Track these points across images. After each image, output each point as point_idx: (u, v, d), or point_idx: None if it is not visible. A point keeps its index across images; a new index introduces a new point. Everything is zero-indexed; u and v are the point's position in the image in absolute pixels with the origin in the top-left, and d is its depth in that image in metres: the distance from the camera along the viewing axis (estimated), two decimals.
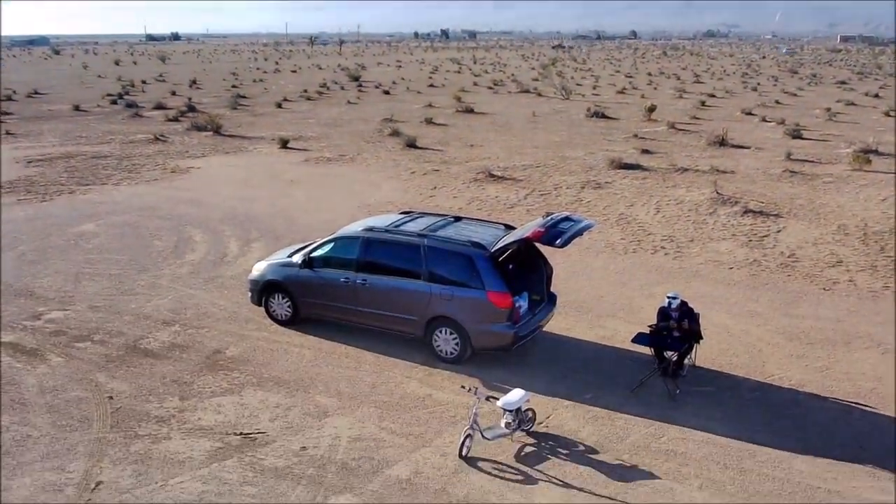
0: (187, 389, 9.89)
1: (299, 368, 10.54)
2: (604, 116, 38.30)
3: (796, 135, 31.77)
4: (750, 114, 39.44)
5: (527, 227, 11.02)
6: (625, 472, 8.40)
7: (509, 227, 11.71)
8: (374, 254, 11.19)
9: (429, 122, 35.72)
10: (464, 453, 8.56)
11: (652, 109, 38.64)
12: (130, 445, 8.58)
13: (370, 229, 11.42)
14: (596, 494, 8.01)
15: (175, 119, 36.57)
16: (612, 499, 7.94)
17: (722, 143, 29.25)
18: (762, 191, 21.29)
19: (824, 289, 14.03)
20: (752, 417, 9.59)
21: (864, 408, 9.87)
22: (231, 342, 11.26)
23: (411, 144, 28.77)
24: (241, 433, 8.92)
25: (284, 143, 29.03)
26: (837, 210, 19.37)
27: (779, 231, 17.46)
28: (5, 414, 9.09)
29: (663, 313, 10.46)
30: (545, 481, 8.21)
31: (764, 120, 37.06)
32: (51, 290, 13.11)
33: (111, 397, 9.62)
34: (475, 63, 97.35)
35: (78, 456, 8.32)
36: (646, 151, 27.11)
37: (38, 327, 11.63)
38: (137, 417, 9.17)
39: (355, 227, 11.81)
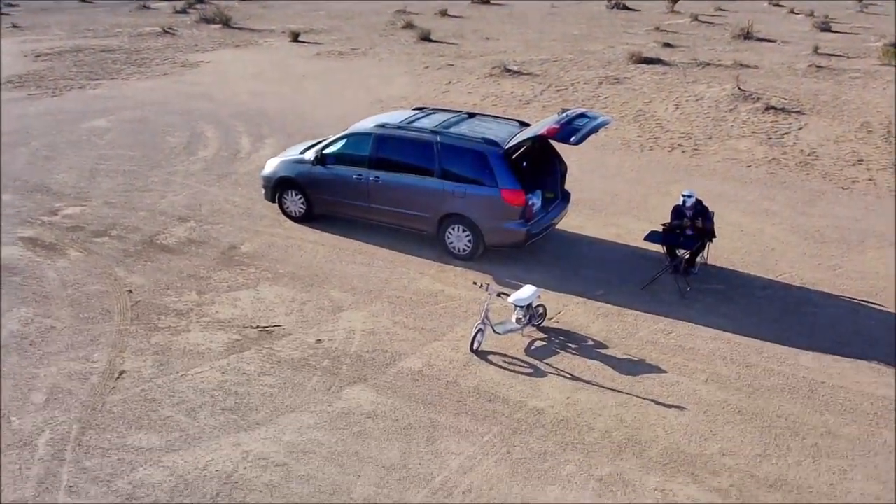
0: (204, 284, 10.08)
1: (313, 264, 10.67)
2: (625, 8, 36.92)
3: (825, 27, 30.55)
4: (778, 5, 37.86)
5: (541, 123, 10.84)
6: (632, 366, 8.59)
7: (524, 124, 11.52)
8: (387, 151, 11.10)
9: (443, 13, 34.59)
10: (475, 347, 8.76)
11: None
12: (151, 337, 8.84)
13: (383, 126, 11.28)
14: (603, 387, 8.22)
15: (183, 11, 35.63)
16: (619, 391, 8.16)
17: (747, 36, 28.20)
18: (786, 87, 20.69)
19: (843, 188, 13.85)
20: (761, 315, 9.69)
21: (873, 306, 9.93)
22: (246, 238, 11.38)
23: (425, 38, 27.97)
24: (257, 326, 9.15)
25: (295, 37, 28.30)
26: (862, 107, 18.85)
27: (800, 128, 17.08)
28: (30, 306, 9.34)
29: (677, 211, 10.40)
30: (554, 374, 8.43)
31: (792, 12, 35.60)
32: (66, 186, 13.20)
33: (130, 291, 9.84)
34: None
35: (101, 347, 8.60)
36: (667, 45, 26.25)
37: (55, 222, 11.78)
38: (157, 311, 9.40)
39: (367, 124, 11.66)
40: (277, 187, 11.93)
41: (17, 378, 7.96)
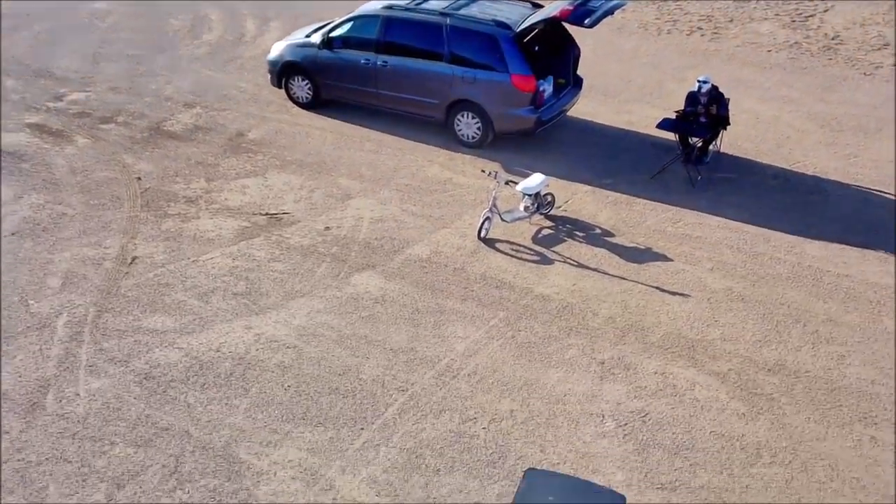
0: (213, 171, 10.08)
1: (321, 151, 10.60)
2: None
3: None
4: None
5: (554, 5, 10.43)
6: (639, 255, 8.64)
7: (536, 6, 11.09)
8: (395, 34, 10.77)
9: None
10: (482, 235, 8.81)
11: None
12: (161, 224, 8.93)
13: (390, 7, 10.89)
14: (609, 275, 8.31)
15: None
16: (624, 278, 8.25)
17: None
18: None
19: (865, 73, 13.41)
20: (771, 204, 9.63)
21: (885, 195, 9.83)
22: (253, 125, 11.26)
23: None
24: (266, 213, 9.20)
25: None
26: None
27: (826, 10, 16.37)
28: (40, 193, 9.40)
29: (692, 98, 10.14)
30: (560, 262, 8.50)
31: None
32: (70, 71, 12.98)
33: (139, 178, 9.85)
34: None
35: (113, 233, 8.71)
36: None
37: (61, 108, 11.67)
38: (166, 197, 9.45)
39: (375, 5, 11.26)
40: (283, 73, 11.68)
41: (33, 263, 8.12)
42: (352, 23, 11.12)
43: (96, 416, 6.04)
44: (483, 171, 9.34)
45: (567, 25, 10.59)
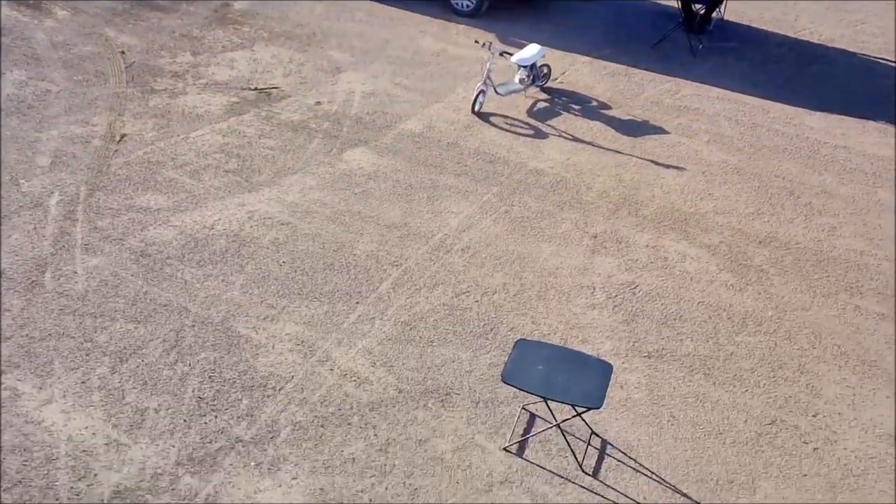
0: (198, 44, 9.75)
1: (311, 22, 10.22)
2: None
3: None
4: None
5: None
6: (635, 127, 8.52)
7: None
8: None
9: None
10: (476, 108, 8.64)
11: None
12: (149, 100, 8.73)
13: None
14: (604, 148, 8.22)
15: None
16: (620, 152, 8.17)
17: None
18: None
19: None
20: (773, 73, 9.40)
21: (890, 63, 9.58)
22: None
23: None
24: (256, 88, 8.99)
25: None
26: None
27: None
28: (22, 69, 9.13)
29: None
30: (555, 135, 8.39)
31: None
32: None
33: (123, 52, 9.55)
34: None
35: (99, 110, 8.53)
36: None
37: None
38: (152, 72, 9.19)
39: None
40: None
41: (21, 142, 8.00)
42: None
43: (95, 294, 6.14)
44: (477, 42, 9.04)
45: None
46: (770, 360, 5.95)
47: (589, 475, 4.96)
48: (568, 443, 5.08)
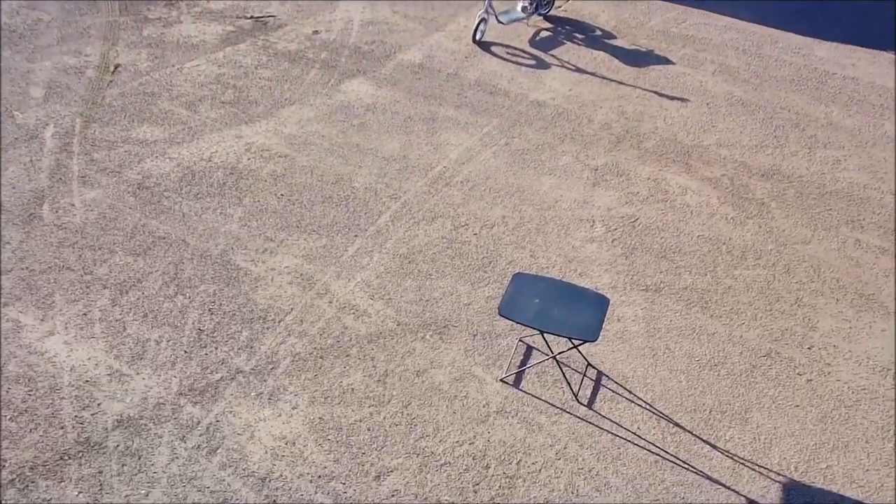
0: None
1: None
2: None
3: None
4: None
5: None
6: (639, 58, 8.34)
7: None
8: None
9: None
10: (477, 38, 8.45)
11: None
12: (142, 29, 8.54)
13: None
14: (607, 79, 8.07)
15: None
16: (623, 83, 8.01)
17: None
18: None
19: None
20: (784, 2, 9.13)
21: None
22: None
23: None
24: (251, 16, 8.78)
25: None
26: None
27: None
28: None
29: None
30: (558, 66, 8.22)
31: None
32: None
33: None
34: None
35: (92, 39, 8.36)
36: None
37: None
38: (144, 0, 8.97)
39: None
40: None
41: (13, 73, 7.87)
42: None
43: (94, 226, 6.13)
44: None
45: None
46: (768, 293, 5.96)
47: (584, 405, 5.04)
48: (564, 374, 5.14)
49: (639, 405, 5.08)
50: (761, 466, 4.78)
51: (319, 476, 4.53)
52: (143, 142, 7.08)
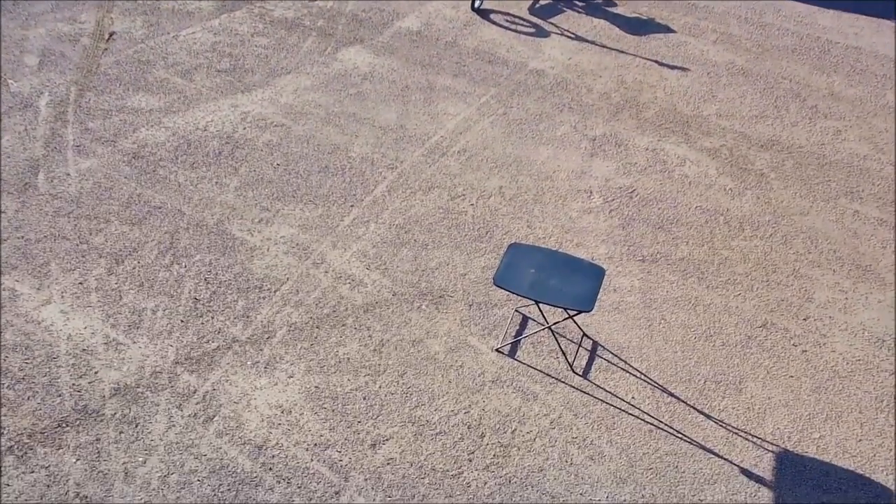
0: None
1: None
2: None
3: None
4: None
5: None
6: (640, 26, 8.24)
7: None
8: None
9: None
10: (476, 5, 8.35)
11: None
12: None
13: None
14: (607, 48, 7.98)
15: None
16: (623, 52, 7.93)
17: None
18: None
19: None
20: None
21: None
22: None
23: None
24: None
25: None
26: None
27: None
28: None
29: None
30: (557, 34, 8.13)
31: None
32: None
33: None
34: None
35: (86, 6, 8.26)
36: None
37: None
38: None
39: None
40: None
41: (7, 40, 7.79)
42: None
43: (89, 196, 6.11)
44: None
45: None
46: (765, 264, 5.96)
47: (579, 375, 5.06)
48: (559, 344, 5.16)
49: (634, 375, 5.10)
50: (755, 436, 4.82)
51: (315, 444, 4.57)
52: (139, 111, 7.02)
